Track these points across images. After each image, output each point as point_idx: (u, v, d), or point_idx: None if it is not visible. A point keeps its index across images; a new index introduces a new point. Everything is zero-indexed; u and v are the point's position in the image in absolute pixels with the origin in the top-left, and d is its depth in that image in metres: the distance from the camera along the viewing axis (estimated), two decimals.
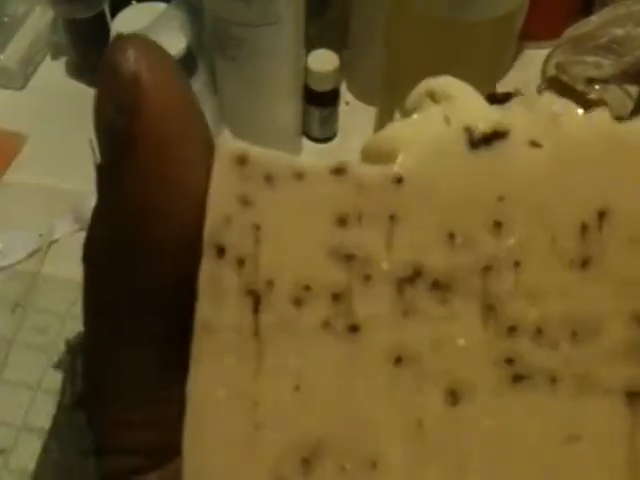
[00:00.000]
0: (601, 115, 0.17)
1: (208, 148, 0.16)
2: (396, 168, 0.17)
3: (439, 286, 0.17)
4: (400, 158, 0.17)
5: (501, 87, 0.73)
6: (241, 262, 0.16)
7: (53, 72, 0.74)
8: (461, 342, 0.17)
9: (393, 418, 0.16)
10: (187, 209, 0.16)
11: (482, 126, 0.17)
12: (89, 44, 0.69)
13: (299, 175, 0.16)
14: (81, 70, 0.72)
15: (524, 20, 0.70)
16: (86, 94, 0.71)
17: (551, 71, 0.73)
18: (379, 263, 0.16)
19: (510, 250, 0.17)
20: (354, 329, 0.16)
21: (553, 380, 0.17)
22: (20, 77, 0.72)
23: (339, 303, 0.16)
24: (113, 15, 0.66)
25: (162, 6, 0.63)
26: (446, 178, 0.17)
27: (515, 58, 0.77)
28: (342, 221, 0.16)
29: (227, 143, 0.16)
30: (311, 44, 0.65)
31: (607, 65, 0.76)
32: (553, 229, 0.17)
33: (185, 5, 0.60)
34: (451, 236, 0.17)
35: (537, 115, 0.17)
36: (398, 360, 0.16)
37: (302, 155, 0.70)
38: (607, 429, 0.17)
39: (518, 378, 0.17)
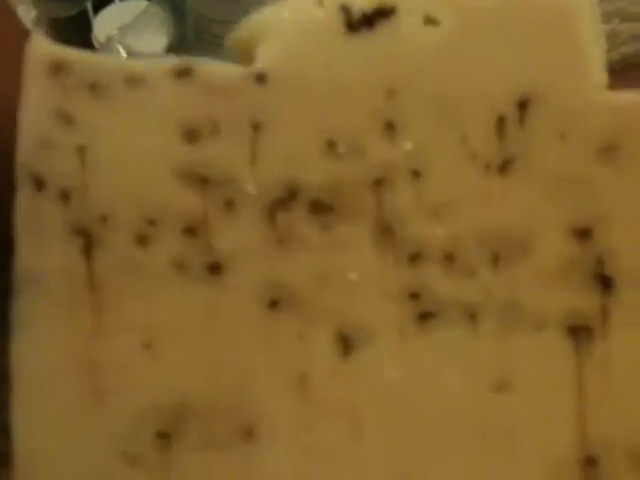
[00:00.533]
0: None
1: (15, 53, 0.13)
2: (257, 63, 0.13)
3: (320, 207, 0.13)
4: (261, 50, 0.13)
5: None
6: (66, 195, 0.13)
7: None
8: (351, 275, 0.13)
9: (271, 373, 0.13)
10: None
11: (361, 3, 0.13)
12: (72, 42, 0.66)
13: (135, 81, 0.13)
14: None
15: None
16: None
17: None
18: (243, 183, 0.13)
19: (407, 156, 0.13)
20: (215, 268, 0.13)
21: (472, 316, 0.13)
22: None
23: (194, 237, 0.13)
24: (96, 13, 0.64)
25: (144, 4, 0.61)
26: (321, 71, 0.13)
27: None
28: (192, 134, 0.13)
29: (40, 47, 0.13)
30: None
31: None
32: (461, 126, 0.13)
33: (167, 2, 0.57)
34: (331, 143, 0.13)
35: None
36: (274, 302, 0.13)
37: None
38: (545, 372, 0.13)
39: (426, 316, 0.13)
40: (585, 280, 0.13)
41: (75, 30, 0.65)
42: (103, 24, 0.60)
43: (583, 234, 0.13)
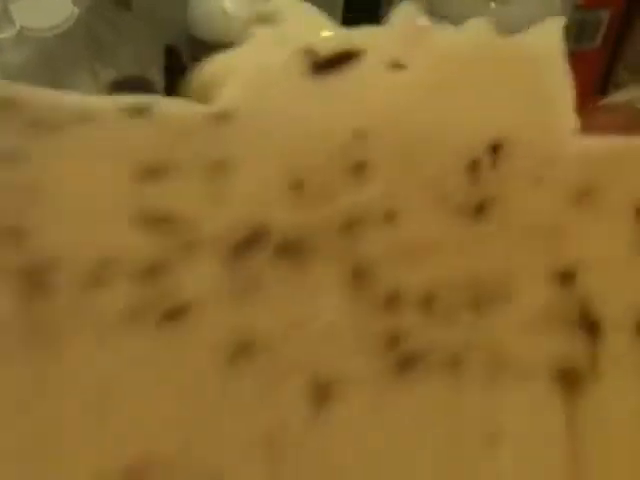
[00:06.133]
0: (479, 27, 0.13)
1: None
2: (219, 103, 0.12)
3: (287, 251, 0.12)
4: (224, 92, 0.12)
5: None
6: (13, 236, 0.11)
7: None
8: (323, 323, 0.12)
9: (236, 431, 0.11)
10: None
11: (326, 47, 0.13)
12: None
13: (86, 118, 0.12)
14: None
15: None
16: None
17: None
18: (204, 225, 0.12)
19: (378, 199, 0.12)
20: (174, 316, 0.11)
21: (454, 365, 0.12)
22: None
23: (152, 282, 0.11)
24: None
25: None
26: (286, 111, 0.12)
27: None
28: (149, 174, 0.12)
29: None
30: None
31: None
32: (433, 169, 0.12)
33: None
34: (298, 184, 0.12)
35: (397, 32, 0.13)
36: (237, 354, 0.11)
37: None
38: (535, 424, 0.12)
39: (407, 364, 0.12)
40: (570, 326, 0.12)
41: None
42: None
43: (564, 279, 0.12)
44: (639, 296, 0.12)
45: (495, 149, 0.12)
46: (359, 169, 0.12)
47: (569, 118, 0.13)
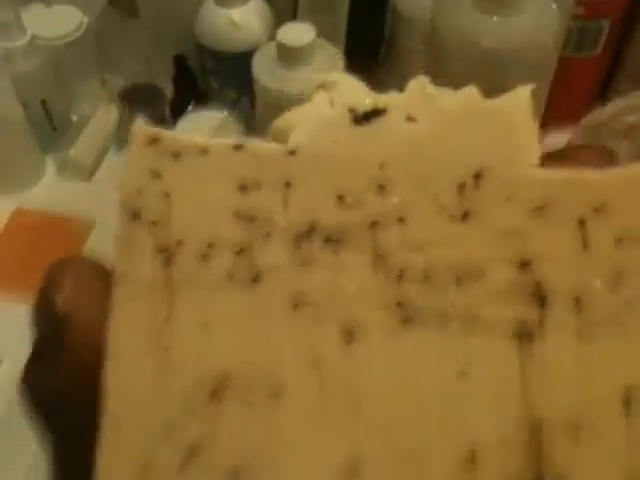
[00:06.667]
0: (470, 92, 0.19)
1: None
2: (290, 142, 0.18)
3: (332, 240, 0.18)
4: (293, 134, 0.18)
5: None
6: (154, 224, 0.18)
7: (117, 164, 0.78)
8: (352, 288, 0.18)
9: (293, 356, 0.17)
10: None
11: (363, 106, 0.19)
12: None
13: (204, 150, 0.18)
14: None
15: (545, 107, 0.72)
16: None
17: None
18: (277, 222, 0.18)
19: (394, 208, 0.18)
20: (256, 279, 0.18)
21: (442, 321, 0.17)
22: (87, 169, 0.77)
23: (242, 257, 0.18)
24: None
25: (220, 115, 0.66)
26: (334, 149, 0.18)
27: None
28: (243, 188, 0.18)
29: (141, 127, 0.18)
30: None
31: (623, 149, 0.76)
32: (433, 190, 0.18)
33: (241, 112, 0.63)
34: (340, 197, 0.18)
35: (412, 95, 0.19)
36: (296, 305, 0.17)
37: None
38: (496, 368, 0.17)
39: (408, 319, 0.17)
40: (526, 298, 0.17)
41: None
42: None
43: (523, 266, 0.18)
44: (576, 280, 0.17)
45: (478, 176, 0.18)
46: (381, 189, 0.18)
47: (533, 155, 0.18)
